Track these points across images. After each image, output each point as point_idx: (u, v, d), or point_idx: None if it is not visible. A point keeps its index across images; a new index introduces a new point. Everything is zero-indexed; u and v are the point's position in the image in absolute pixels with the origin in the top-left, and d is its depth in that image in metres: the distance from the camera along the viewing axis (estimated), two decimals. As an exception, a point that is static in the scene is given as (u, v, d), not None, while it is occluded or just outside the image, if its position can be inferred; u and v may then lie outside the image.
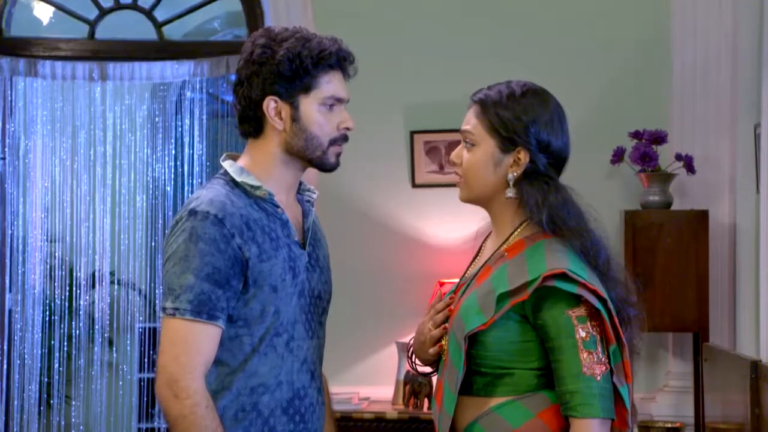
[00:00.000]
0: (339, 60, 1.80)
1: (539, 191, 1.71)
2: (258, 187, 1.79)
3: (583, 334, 1.62)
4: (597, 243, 1.69)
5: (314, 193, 1.94)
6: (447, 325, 1.76)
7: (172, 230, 1.75)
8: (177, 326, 1.69)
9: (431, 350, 1.78)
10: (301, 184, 1.92)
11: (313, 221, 1.92)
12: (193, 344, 1.68)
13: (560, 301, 1.63)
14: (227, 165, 1.83)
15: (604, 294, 1.63)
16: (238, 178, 1.79)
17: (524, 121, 1.72)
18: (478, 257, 1.83)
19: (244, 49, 1.83)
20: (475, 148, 1.75)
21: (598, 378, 1.61)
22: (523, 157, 1.72)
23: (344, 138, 1.84)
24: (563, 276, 1.62)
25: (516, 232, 1.74)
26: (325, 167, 1.83)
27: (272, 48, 1.77)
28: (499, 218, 1.77)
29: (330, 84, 1.79)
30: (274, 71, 1.77)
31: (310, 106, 1.79)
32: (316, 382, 1.85)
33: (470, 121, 1.76)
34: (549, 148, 1.73)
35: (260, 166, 1.82)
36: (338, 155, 1.84)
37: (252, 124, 1.82)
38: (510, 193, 1.73)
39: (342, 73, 1.82)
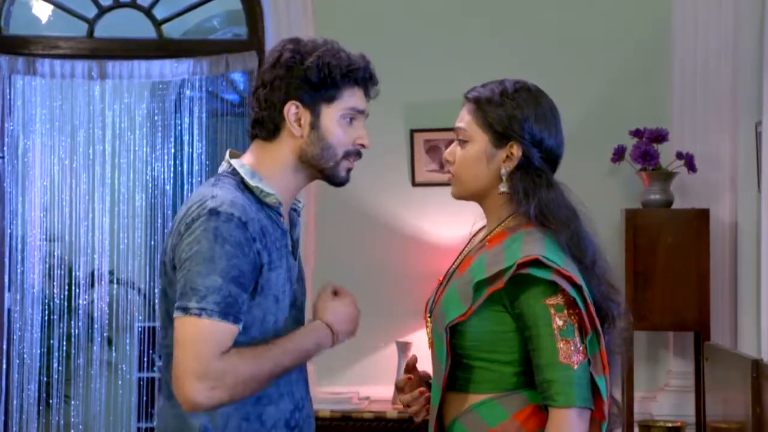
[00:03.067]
0: (365, 78, 1.81)
1: (531, 183, 1.71)
2: (270, 195, 1.77)
3: (560, 323, 1.61)
4: (585, 238, 1.68)
5: (300, 202, 1.93)
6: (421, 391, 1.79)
7: (188, 228, 1.69)
8: (201, 325, 1.63)
9: (412, 410, 1.80)
10: None
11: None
12: (214, 342, 1.64)
13: (537, 289, 1.62)
14: (237, 165, 1.80)
15: (579, 281, 1.62)
16: (251, 182, 1.77)
17: (517, 116, 1.72)
18: (466, 248, 1.84)
19: (270, 54, 1.83)
20: (468, 144, 1.75)
21: (575, 367, 1.60)
22: (516, 151, 1.72)
23: (358, 153, 1.83)
24: (537, 263, 1.62)
25: (501, 224, 1.74)
26: (335, 180, 1.83)
27: (302, 54, 1.77)
28: (492, 213, 1.77)
29: (353, 97, 1.80)
30: (302, 77, 1.76)
31: (331, 116, 1.78)
32: (309, 392, 1.86)
33: (464, 118, 1.76)
34: (542, 143, 1.73)
35: (268, 169, 1.80)
36: (349, 170, 1.83)
37: (267, 127, 1.80)
38: (503, 187, 1.72)
39: (365, 91, 1.83)
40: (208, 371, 1.62)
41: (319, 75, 1.76)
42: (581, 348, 1.61)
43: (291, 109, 1.78)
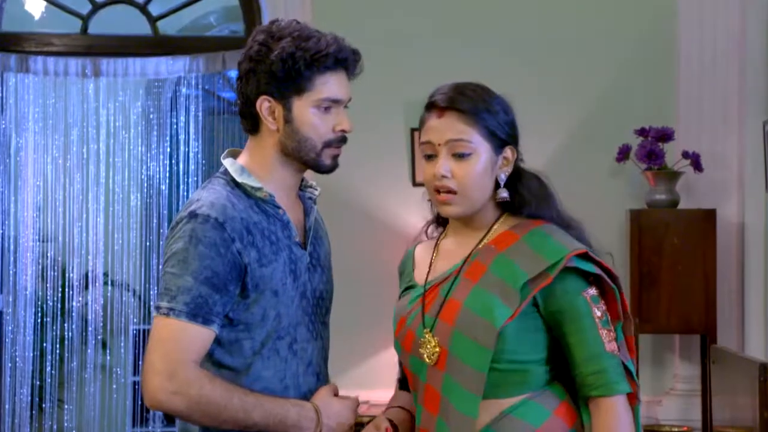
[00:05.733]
0: (337, 61, 1.74)
1: (532, 183, 1.72)
2: (259, 189, 1.74)
3: (599, 314, 1.64)
4: (582, 229, 1.72)
5: (316, 189, 1.89)
6: None
7: (172, 231, 1.72)
8: (170, 325, 1.65)
9: None
10: (303, 180, 1.87)
11: (316, 219, 1.88)
12: (184, 344, 1.65)
13: (574, 283, 1.64)
14: (228, 164, 1.78)
15: (615, 272, 1.66)
16: (239, 179, 1.75)
17: (510, 118, 1.71)
18: (436, 258, 1.76)
19: (246, 44, 1.79)
20: (471, 157, 1.67)
21: (618, 354, 1.64)
22: (511, 154, 1.71)
23: (340, 140, 1.78)
24: (584, 256, 1.63)
25: (495, 226, 1.71)
26: (321, 170, 1.78)
27: (268, 46, 1.72)
28: (475, 218, 1.72)
29: (325, 86, 1.73)
30: (268, 71, 1.72)
31: (303, 108, 1.73)
32: (321, 383, 1.81)
33: (460, 130, 1.67)
34: (519, 141, 1.74)
35: (259, 165, 1.78)
36: (335, 157, 1.78)
37: (249, 122, 1.78)
38: (504, 193, 1.69)
39: (345, 72, 1.76)
40: (175, 374, 1.63)
41: (283, 67, 1.70)
42: (614, 336, 1.65)
43: (263, 104, 1.74)
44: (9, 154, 4.51)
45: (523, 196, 1.70)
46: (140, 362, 4.90)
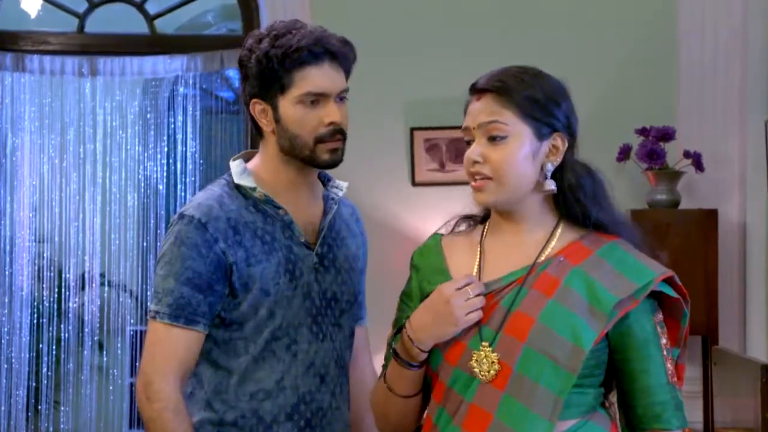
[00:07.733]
0: (314, 54, 1.71)
1: (584, 180, 1.55)
2: (254, 189, 1.76)
3: (665, 341, 1.54)
4: (637, 232, 1.60)
5: (341, 189, 1.88)
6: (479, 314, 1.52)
7: (166, 232, 1.76)
8: (157, 328, 1.69)
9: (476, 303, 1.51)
10: (330, 180, 1.88)
11: (342, 220, 1.88)
12: (169, 348, 1.68)
13: (648, 307, 1.53)
14: (233, 165, 1.80)
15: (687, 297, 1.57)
16: (236, 180, 1.76)
17: (557, 100, 1.54)
18: (483, 260, 1.58)
19: None
20: (508, 140, 1.51)
21: (679, 386, 1.56)
22: (561, 142, 1.54)
23: (333, 133, 1.75)
24: (669, 280, 1.54)
25: (557, 233, 1.57)
26: (319, 166, 1.78)
27: (252, 49, 1.75)
28: (526, 218, 1.57)
29: (305, 80, 1.72)
30: (250, 74, 1.75)
31: (288, 105, 1.74)
32: (327, 386, 1.80)
33: (494, 111, 1.52)
34: (574, 130, 1.57)
35: (266, 166, 1.80)
36: (333, 151, 1.76)
37: (254, 125, 1.81)
38: (551, 185, 1.53)
39: (330, 63, 1.73)
40: (152, 382, 1.67)
41: (259, 68, 1.72)
42: (674, 365, 1.57)
43: (255, 107, 1.77)
44: (5, 154, 4.49)
45: (575, 194, 1.55)
46: (137, 364, 4.88)
